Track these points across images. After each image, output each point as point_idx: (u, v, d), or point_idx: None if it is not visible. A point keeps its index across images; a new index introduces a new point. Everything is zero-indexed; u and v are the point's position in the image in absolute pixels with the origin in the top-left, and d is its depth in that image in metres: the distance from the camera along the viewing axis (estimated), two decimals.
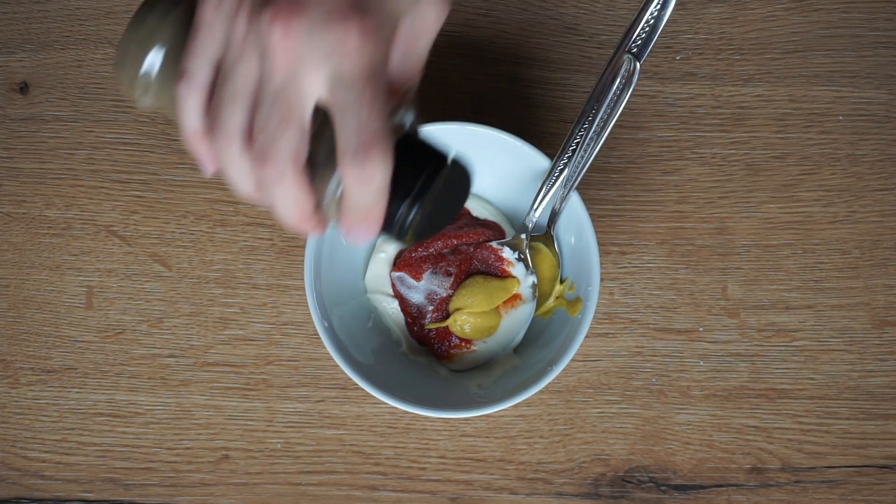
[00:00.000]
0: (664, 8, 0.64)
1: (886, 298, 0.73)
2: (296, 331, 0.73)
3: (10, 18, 0.75)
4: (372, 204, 0.46)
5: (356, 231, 0.47)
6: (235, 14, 0.45)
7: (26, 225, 0.74)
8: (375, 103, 0.44)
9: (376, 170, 0.45)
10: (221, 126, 0.45)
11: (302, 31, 0.43)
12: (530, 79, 0.75)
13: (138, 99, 0.49)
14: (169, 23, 0.48)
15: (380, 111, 0.45)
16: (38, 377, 0.73)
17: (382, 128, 0.45)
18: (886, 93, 0.75)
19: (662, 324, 0.73)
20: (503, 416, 0.73)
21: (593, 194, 0.74)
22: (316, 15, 0.43)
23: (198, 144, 0.47)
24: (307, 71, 0.44)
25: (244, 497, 0.72)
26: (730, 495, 0.72)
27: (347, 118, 0.44)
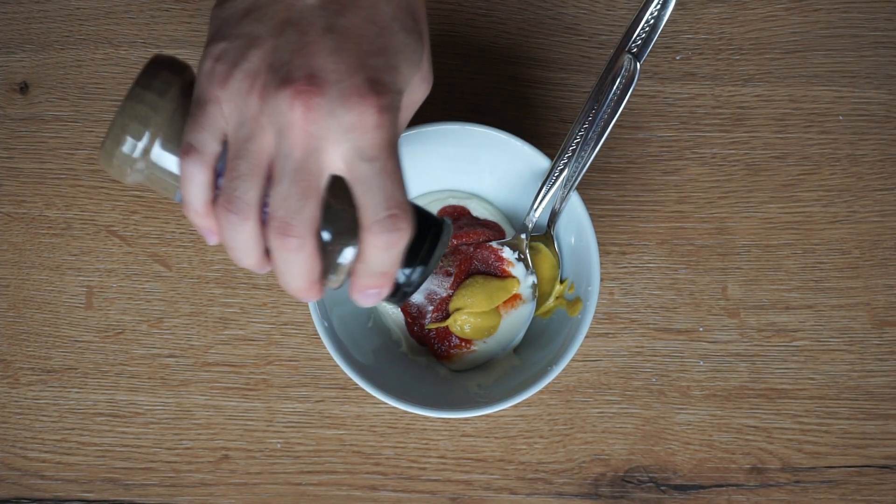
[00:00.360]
0: (664, 8, 0.64)
1: (886, 298, 0.73)
2: (296, 331, 0.73)
3: (10, 18, 0.75)
4: (388, 268, 0.48)
5: (368, 294, 0.49)
6: (248, 92, 0.46)
7: (26, 225, 0.74)
8: (397, 175, 0.47)
9: (400, 238, 0.47)
10: (237, 202, 0.46)
11: (322, 109, 0.45)
12: (530, 79, 0.75)
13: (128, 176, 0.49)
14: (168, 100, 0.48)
15: (401, 182, 0.47)
16: (38, 377, 0.73)
17: (405, 198, 0.47)
18: (886, 93, 0.75)
19: (662, 324, 0.73)
20: (503, 416, 0.73)
21: (593, 194, 0.74)
22: (335, 93, 0.45)
23: (203, 219, 0.48)
24: (327, 147, 0.46)
25: (244, 497, 0.72)
26: (730, 495, 0.72)
27: (373, 190, 0.46)
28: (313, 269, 0.48)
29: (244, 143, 0.46)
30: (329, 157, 0.46)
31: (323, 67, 0.45)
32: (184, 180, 0.48)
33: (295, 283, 0.48)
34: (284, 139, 0.45)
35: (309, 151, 0.46)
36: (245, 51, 0.46)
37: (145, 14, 0.75)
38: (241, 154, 0.46)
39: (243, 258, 0.48)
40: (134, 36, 0.75)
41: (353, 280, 0.49)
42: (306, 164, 0.46)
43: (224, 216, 0.47)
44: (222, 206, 0.47)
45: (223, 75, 0.46)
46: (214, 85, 0.46)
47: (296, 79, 0.45)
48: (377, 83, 0.46)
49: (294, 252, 0.47)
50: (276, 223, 0.46)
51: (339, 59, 0.46)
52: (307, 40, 0.46)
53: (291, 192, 0.46)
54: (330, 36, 0.46)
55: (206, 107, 0.47)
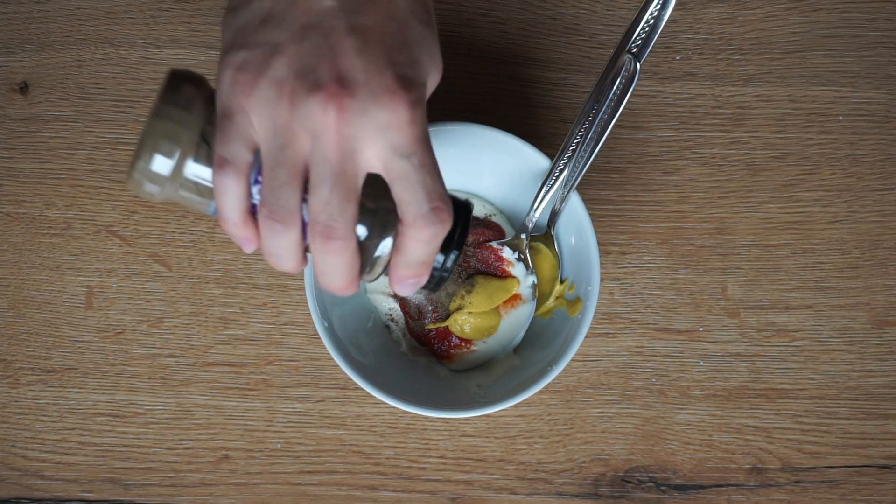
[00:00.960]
0: (664, 8, 0.64)
1: (886, 298, 0.73)
2: (296, 331, 0.73)
3: (10, 18, 0.75)
4: (428, 258, 0.49)
5: (408, 284, 0.50)
6: (277, 99, 0.46)
7: (26, 225, 0.74)
8: (435, 167, 0.48)
9: (445, 228, 0.48)
10: (279, 210, 0.47)
11: (355, 110, 0.45)
12: (530, 79, 0.75)
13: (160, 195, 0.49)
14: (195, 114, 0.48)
15: (439, 174, 0.48)
16: (38, 377, 0.73)
17: (445, 189, 0.48)
18: (886, 93, 0.75)
19: (662, 324, 0.73)
20: (503, 416, 0.73)
21: (593, 194, 0.74)
22: (366, 93, 0.45)
23: (242, 230, 0.48)
24: (363, 147, 0.46)
25: (244, 497, 0.72)
26: (730, 495, 0.72)
27: (414, 186, 0.47)
28: (354, 267, 0.48)
29: (280, 152, 0.46)
30: (365, 158, 0.46)
31: (351, 68, 0.46)
32: (219, 194, 0.47)
33: (337, 283, 0.49)
34: (320, 144, 0.46)
35: (346, 154, 0.46)
36: (269, 58, 0.46)
37: (145, 14, 0.75)
38: (278, 163, 0.46)
39: (284, 263, 0.49)
40: (134, 36, 0.75)
41: (393, 272, 0.50)
42: (344, 166, 0.46)
43: (268, 225, 0.47)
44: (266, 217, 0.47)
45: (248, 85, 0.46)
46: (240, 95, 0.46)
47: (326, 83, 0.45)
48: (405, 79, 0.46)
49: (338, 253, 0.47)
50: (319, 227, 0.46)
51: (366, 59, 0.46)
52: (331, 43, 0.46)
53: (333, 196, 0.46)
54: (354, 36, 0.46)
55: (233, 117, 0.46)
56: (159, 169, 0.48)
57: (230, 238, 0.49)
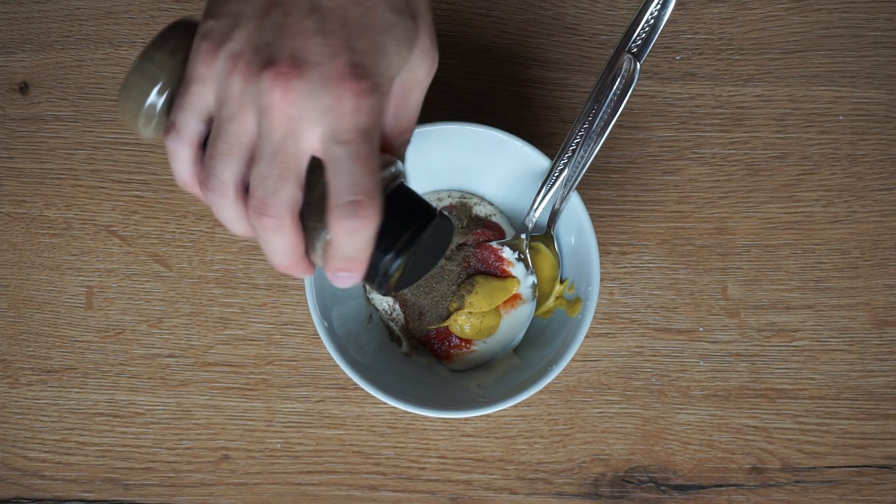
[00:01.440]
0: (664, 8, 0.64)
1: (886, 298, 0.73)
2: (296, 331, 0.73)
3: (10, 18, 0.75)
4: (357, 254, 0.48)
5: (340, 276, 0.49)
6: (230, 72, 0.46)
7: (26, 225, 0.74)
8: (368, 161, 0.47)
9: (364, 225, 0.47)
10: (215, 180, 0.47)
11: (302, 91, 0.45)
12: (530, 79, 0.75)
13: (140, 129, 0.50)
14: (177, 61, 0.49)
15: (372, 169, 0.47)
16: (38, 377, 0.73)
17: (374, 185, 0.47)
18: (886, 93, 0.75)
19: (662, 324, 0.73)
20: (503, 416, 0.73)
21: (593, 194, 0.74)
22: (316, 76, 0.45)
23: (192, 191, 0.50)
24: (305, 128, 0.46)
25: (244, 497, 0.72)
26: (730, 495, 0.72)
27: (341, 174, 0.46)
28: (294, 248, 0.48)
29: (225, 124, 0.47)
30: (307, 140, 0.46)
31: (305, 49, 0.45)
32: (169, 155, 0.48)
33: (278, 260, 0.49)
34: (264, 120, 0.46)
35: (287, 133, 0.46)
36: (230, 30, 0.46)
37: (145, 14, 0.75)
38: (220, 134, 0.47)
39: (235, 228, 0.49)
40: (134, 36, 0.75)
41: (325, 261, 0.49)
42: (284, 145, 0.46)
43: (203, 192, 0.48)
44: (202, 183, 0.48)
45: (209, 54, 0.47)
46: (201, 64, 0.47)
47: (278, 60, 0.45)
48: (359, 66, 0.46)
49: (272, 231, 0.47)
50: (253, 202, 0.47)
51: (322, 41, 0.46)
52: (290, 21, 0.46)
53: (269, 172, 0.46)
54: (314, 17, 0.46)
55: (190, 86, 0.47)
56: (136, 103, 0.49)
57: None
